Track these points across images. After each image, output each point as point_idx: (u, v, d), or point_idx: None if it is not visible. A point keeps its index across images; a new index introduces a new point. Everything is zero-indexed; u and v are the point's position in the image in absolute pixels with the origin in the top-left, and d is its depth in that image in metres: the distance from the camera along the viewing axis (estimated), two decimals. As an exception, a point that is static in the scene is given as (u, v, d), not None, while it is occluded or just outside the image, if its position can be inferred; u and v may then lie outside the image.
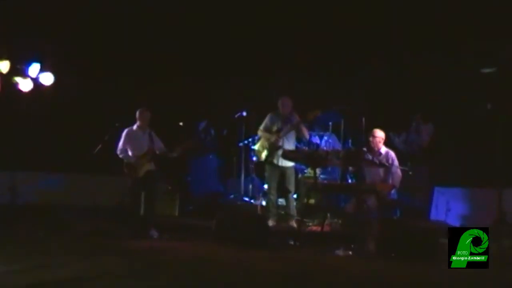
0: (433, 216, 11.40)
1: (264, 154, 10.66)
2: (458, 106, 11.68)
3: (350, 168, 10.08)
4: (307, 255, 8.51)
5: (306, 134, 10.65)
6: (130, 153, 10.08)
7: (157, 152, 10.11)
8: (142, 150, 10.08)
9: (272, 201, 10.75)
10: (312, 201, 10.84)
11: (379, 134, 9.70)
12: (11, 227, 9.98)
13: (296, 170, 11.02)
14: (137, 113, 10.20)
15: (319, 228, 9.76)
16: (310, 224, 10.57)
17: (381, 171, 9.53)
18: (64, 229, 9.81)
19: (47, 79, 11.76)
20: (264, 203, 11.41)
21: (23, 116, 12.60)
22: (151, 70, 13.58)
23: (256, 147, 10.96)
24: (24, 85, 11.47)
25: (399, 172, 9.58)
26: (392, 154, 9.67)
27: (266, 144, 10.63)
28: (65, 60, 12.79)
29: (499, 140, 9.96)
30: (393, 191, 9.86)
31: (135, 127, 10.20)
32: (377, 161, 9.42)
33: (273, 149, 10.49)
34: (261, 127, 10.81)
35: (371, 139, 9.67)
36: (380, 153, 9.63)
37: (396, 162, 9.60)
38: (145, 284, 6.52)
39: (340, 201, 10.09)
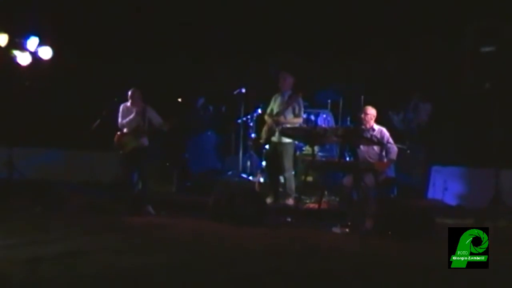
0: (430, 195, 11.43)
1: (264, 137, 10.69)
2: (457, 85, 11.64)
3: None
4: (304, 232, 8.53)
5: (300, 112, 10.57)
6: (125, 128, 10.22)
7: (155, 125, 10.16)
8: (132, 126, 10.17)
9: (271, 178, 10.79)
10: (310, 178, 10.86)
11: (371, 111, 9.66)
12: (8, 203, 10.02)
13: (295, 148, 11.02)
14: (129, 93, 10.25)
15: (316, 206, 9.78)
16: (308, 201, 10.61)
17: (375, 147, 9.52)
18: (62, 205, 9.83)
19: (46, 53, 11.72)
20: (262, 180, 11.43)
21: (20, 91, 12.57)
22: (150, 46, 13.53)
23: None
24: (23, 58, 11.44)
25: (394, 147, 9.58)
26: (385, 130, 9.64)
27: (266, 128, 10.64)
28: (64, 34, 12.74)
29: (497, 120, 9.93)
30: (390, 170, 9.87)
31: (129, 103, 10.27)
32: (375, 139, 9.41)
33: (271, 132, 10.50)
34: (267, 111, 10.82)
35: (363, 116, 9.65)
36: (374, 129, 9.61)
37: (391, 140, 9.59)
38: (143, 260, 6.54)
39: (338, 178, 10.10)
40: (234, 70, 13.27)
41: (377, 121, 9.74)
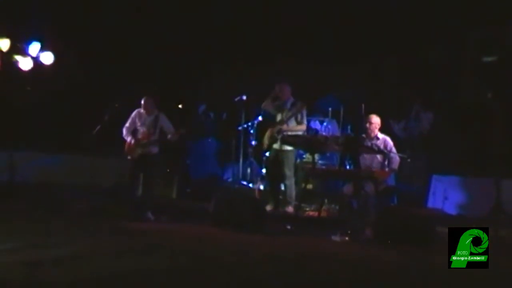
0: (430, 204, 11.41)
1: (266, 144, 10.69)
2: (459, 95, 11.67)
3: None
4: (304, 240, 8.53)
5: (302, 119, 10.57)
6: (137, 134, 10.24)
7: (166, 133, 10.19)
8: (143, 133, 10.20)
9: (271, 185, 10.78)
10: (310, 186, 10.86)
11: (376, 120, 9.68)
12: (9, 206, 10.01)
13: (296, 155, 11.01)
14: (142, 101, 10.27)
15: (316, 214, 9.78)
16: (308, 209, 10.60)
17: (379, 156, 9.53)
18: (62, 209, 9.84)
19: (47, 58, 11.75)
20: (262, 187, 11.43)
21: (22, 95, 12.60)
22: (151, 52, 13.56)
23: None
24: (24, 63, 11.46)
25: (397, 157, 9.59)
26: (389, 140, 9.66)
27: (269, 134, 10.63)
28: (65, 40, 12.76)
29: (498, 130, 9.96)
30: (391, 178, 9.86)
31: (142, 109, 10.29)
32: (376, 148, 9.41)
33: (273, 139, 10.50)
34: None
35: (367, 125, 9.65)
36: (378, 138, 9.63)
37: (393, 149, 9.60)
38: (142, 264, 6.55)
39: (338, 187, 10.09)
40: (235, 77, 13.28)
41: (379, 129, 9.75)
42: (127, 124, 10.30)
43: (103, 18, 13.41)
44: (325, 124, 11.70)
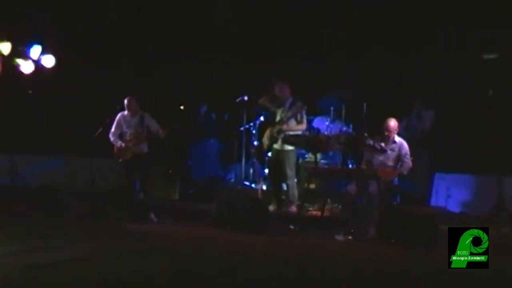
0: (433, 202, 11.37)
1: (266, 144, 10.70)
2: (459, 92, 11.64)
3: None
4: (307, 240, 8.52)
5: (302, 119, 10.56)
6: (125, 137, 10.29)
7: (153, 132, 10.17)
8: (131, 134, 10.23)
9: (273, 186, 10.77)
10: (312, 186, 10.83)
11: (394, 125, 9.60)
12: (10, 209, 10.03)
13: (297, 155, 11.00)
14: (125, 102, 10.27)
15: (319, 213, 9.76)
16: (311, 209, 10.58)
17: (390, 158, 9.48)
18: (64, 211, 9.84)
19: (49, 61, 11.75)
20: (264, 187, 11.42)
21: (23, 98, 12.61)
22: (152, 53, 13.55)
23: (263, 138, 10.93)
24: (25, 67, 11.47)
25: (409, 162, 9.52)
26: (405, 144, 9.59)
27: (269, 133, 10.63)
28: (66, 43, 12.76)
29: (500, 127, 9.93)
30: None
31: (126, 112, 10.29)
32: (379, 147, 9.35)
33: (273, 139, 10.50)
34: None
35: (386, 132, 9.53)
36: (395, 142, 9.57)
37: (408, 153, 9.54)
38: (144, 265, 6.54)
39: (341, 186, 10.07)
40: (236, 78, 13.27)
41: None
42: (112, 130, 10.37)
43: (103, 21, 13.41)
44: (327, 123, 11.67)
